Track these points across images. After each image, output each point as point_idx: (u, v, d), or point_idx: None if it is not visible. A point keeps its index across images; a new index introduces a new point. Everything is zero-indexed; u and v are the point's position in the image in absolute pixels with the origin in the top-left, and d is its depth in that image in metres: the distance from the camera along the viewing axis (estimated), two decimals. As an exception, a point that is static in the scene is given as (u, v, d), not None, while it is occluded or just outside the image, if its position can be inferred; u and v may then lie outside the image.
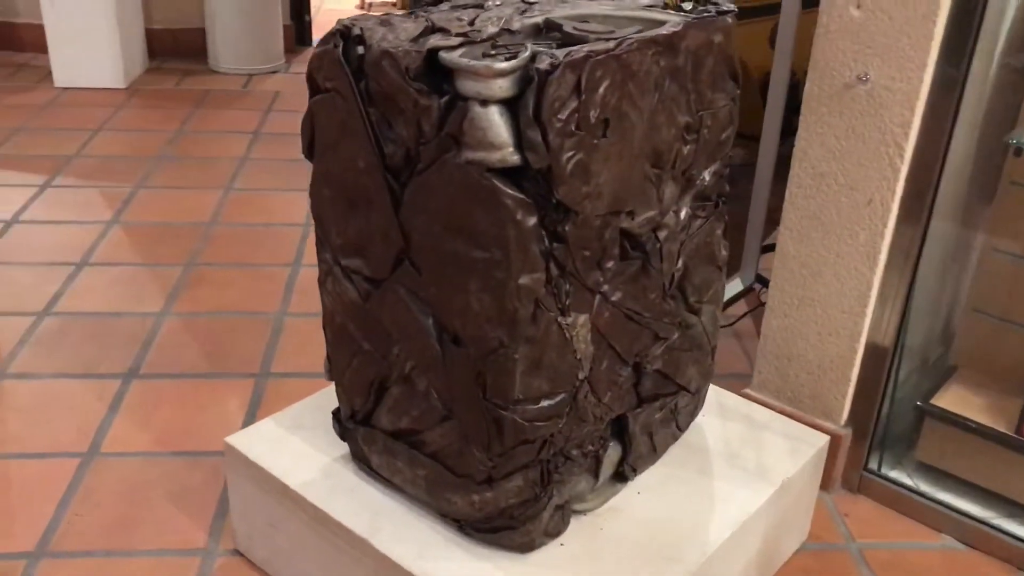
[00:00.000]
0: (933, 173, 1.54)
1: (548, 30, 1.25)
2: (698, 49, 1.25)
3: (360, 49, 1.18)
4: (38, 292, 2.37)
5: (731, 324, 2.37)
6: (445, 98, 1.11)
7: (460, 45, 1.13)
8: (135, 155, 3.29)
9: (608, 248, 1.23)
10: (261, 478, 1.47)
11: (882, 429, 1.79)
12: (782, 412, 1.80)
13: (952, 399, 1.81)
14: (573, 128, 1.09)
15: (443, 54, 1.10)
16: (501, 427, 1.22)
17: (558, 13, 1.28)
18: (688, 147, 1.30)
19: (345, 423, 1.44)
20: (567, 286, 1.19)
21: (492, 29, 1.20)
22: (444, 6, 1.36)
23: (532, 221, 1.12)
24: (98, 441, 1.85)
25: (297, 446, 1.50)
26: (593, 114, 1.11)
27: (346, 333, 1.36)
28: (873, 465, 1.81)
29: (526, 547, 1.31)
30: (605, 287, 1.25)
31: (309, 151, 1.30)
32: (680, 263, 1.37)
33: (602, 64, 1.10)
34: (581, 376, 1.26)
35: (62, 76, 3.93)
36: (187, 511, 1.68)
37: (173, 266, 2.54)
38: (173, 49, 4.36)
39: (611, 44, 1.12)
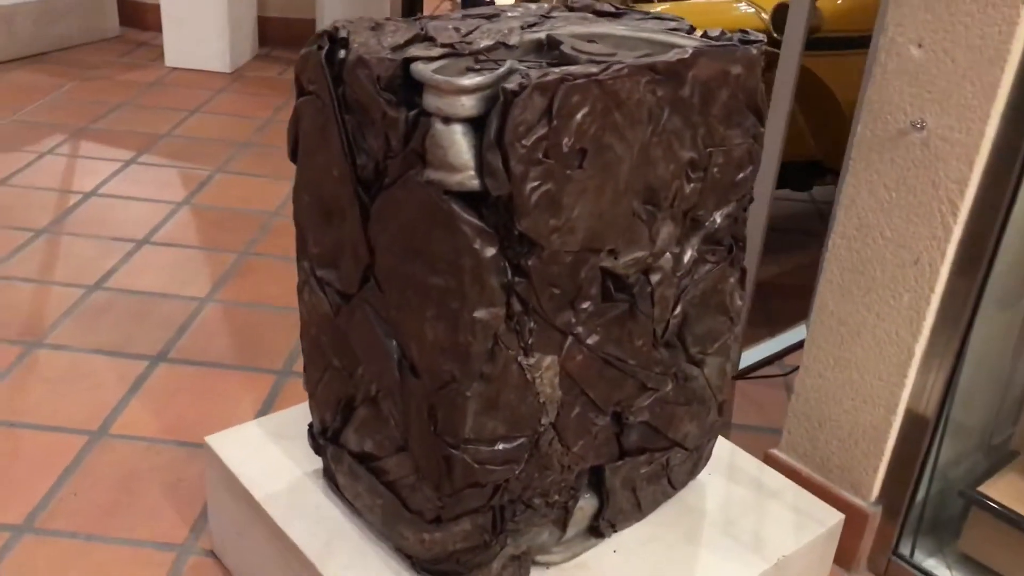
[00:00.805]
0: (990, 237, 1.38)
1: (549, 48, 1.16)
2: (709, 80, 1.14)
3: (342, 53, 1.12)
4: (94, 266, 2.42)
5: (786, 374, 2.22)
6: (413, 112, 1.04)
7: (441, 57, 1.06)
8: (222, 139, 3.34)
9: (584, 287, 1.13)
10: (231, 484, 1.43)
11: (918, 511, 1.62)
12: (808, 479, 1.66)
13: (1005, 488, 1.62)
14: (540, 156, 1.01)
15: (414, 65, 1.03)
16: (451, 466, 1.14)
17: (565, 30, 1.19)
18: (692, 185, 1.19)
19: (317, 438, 1.39)
20: (531, 324, 1.10)
21: (486, 42, 1.12)
22: (456, 14, 1.29)
23: (491, 252, 1.04)
24: (109, 422, 1.86)
25: (273, 455, 1.46)
26: (566, 142, 1.02)
27: (318, 346, 1.31)
28: (904, 550, 1.64)
29: (476, 595, 1.23)
30: (579, 329, 1.15)
31: (293, 154, 1.25)
32: (678, 310, 1.26)
33: (580, 89, 1.01)
34: (545, 421, 1.17)
35: (173, 56, 4.05)
36: (176, 504, 1.66)
37: (228, 253, 2.55)
38: (285, 38, 4.44)
39: (595, 68, 1.03)
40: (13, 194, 2.79)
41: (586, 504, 1.30)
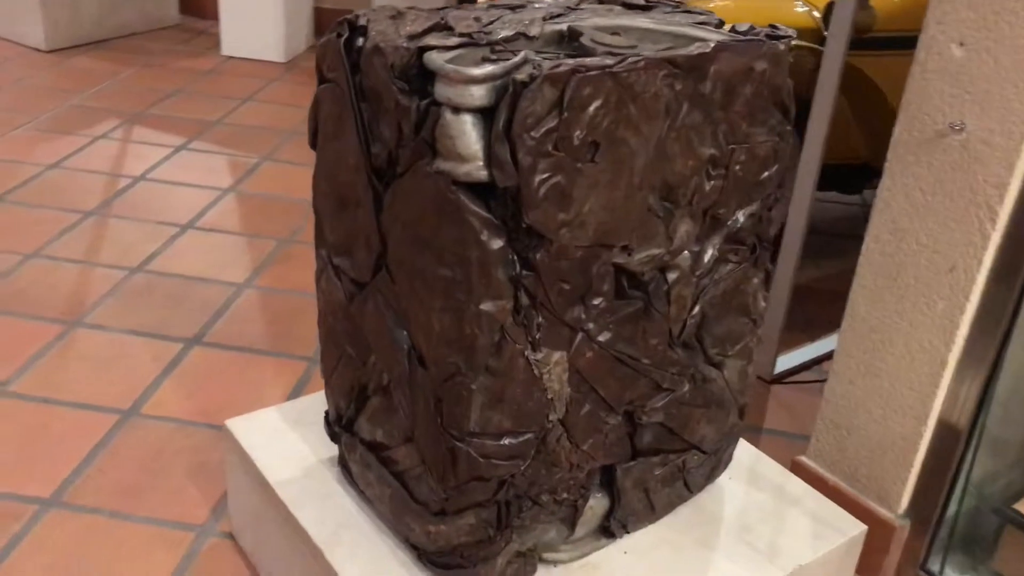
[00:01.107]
0: (1029, 245, 1.33)
1: (570, 39, 1.14)
2: (732, 76, 1.12)
3: (360, 41, 1.12)
4: (138, 248, 2.46)
5: (823, 380, 2.16)
6: (425, 101, 1.03)
7: (459, 47, 1.05)
8: (272, 127, 3.38)
9: (596, 283, 1.11)
10: (248, 467, 1.44)
11: (949, 527, 1.57)
12: (835, 488, 1.62)
13: (1043, 506, 1.57)
14: (550, 148, 0.99)
15: (427, 55, 1.02)
16: (456, 459, 1.13)
17: (588, 22, 1.17)
18: (713, 183, 1.16)
19: (333, 426, 1.39)
20: (539, 319, 1.09)
21: (505, 33, 1.11)
22: (482, 3, 1.28)
23: (498, 244, 1.02)
24: (141, 402, 1.89)
25: (290, 441, 1.47)
26: (578, 135, 1.00)
27: (334, 334, 1.31)
28: (934, 566, 1.59)
29: (480, 590, 1.22)
30: (590, 325, 1.13)
31: (313, 141, 1.25)
32: (697, 310, 1.23)
33: (593, 81, 0.99)
34: (553, 418, 1.15)
35: (228, 45, 4.11)
36: (199, 486, 1.68)
37: (269, 240, 2.58)
38: (340, 29, 4.46)
39: (610, 60, 1.01)
40: (65, 176, 2.85)
41: (596, 504, 1.28)
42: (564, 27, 1.15)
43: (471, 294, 1.04)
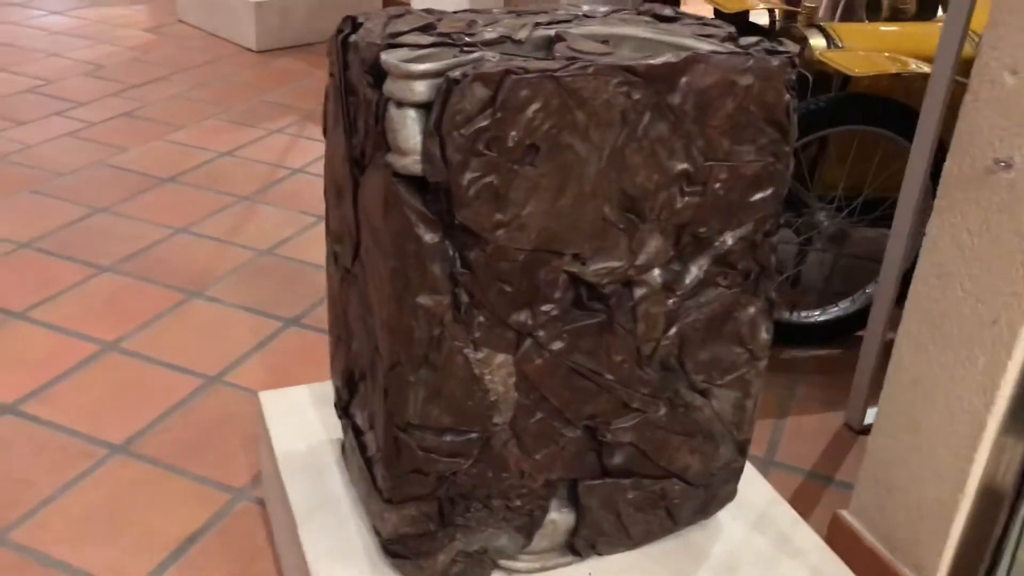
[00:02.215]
0: (1079, 303, 1.17)
1: (558, 44, 1.14)
2: (708, 89, 1.07)
3: (353, 38, 1.17)
4: (272, 233, 2.65)
5: (924, 438, 1.99)
6: (386, 96, 1.06)
7: (431, 46, 1.08)
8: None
9: (544, 289, 1.10)
10: (267, 437, 1.52)
11: (994, 611, 1.40)
12: (871, 549, 1.49)
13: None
14: (481, 147, 1.00)
15: (384, 51, 1.05)
16: (399, 449, 1.15)
17: (581, 30, 1.16)
18: (687, 199, 1.12)
19: (336, 408, 1.44)
20: (480, 318, 1.09)
21: (489, 35, 1.12)
22: (500, 9, 1.29)
23: (433, 238, 1.04)
24: (227, 371, 2.03)
25: (307, 418, 1.54)
26: (513, 136, 1.00)
27: (335, 317, 1.37)
28: (974, 651, 1.43)
29: (425, 584, 1.23)
30: (540, 332, 1.12)
31: (325, 132, 1.32)
32: (674, 331, 1.19)
33: (530, 84, 0.99)
34: (498, 420, 1.15)
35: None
36: (249, 453, 1.79)
37: (392, 236, 2.69)
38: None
39: (555, 64, 1.00)
40: (234, 164, 3.11)
41: (561, 518, 1.26)
42: (552, 33, 1.15)
43: (408, 286, 1.06)
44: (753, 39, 1.15)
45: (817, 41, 2.26)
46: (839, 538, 1.55)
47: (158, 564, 1.54)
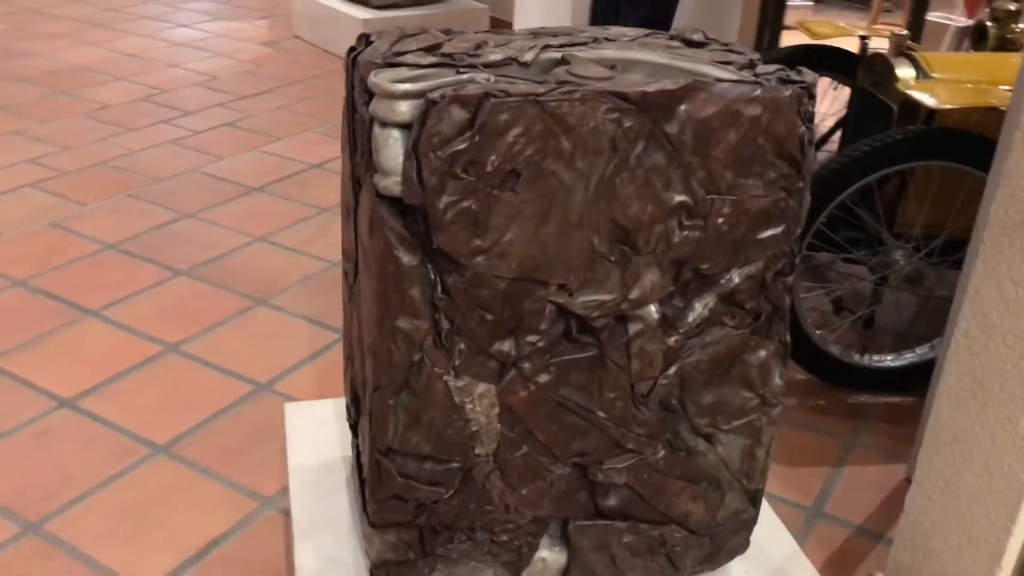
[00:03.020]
0: None
1: (558, 68, 1.10)
2: (709, 119, 1.02)
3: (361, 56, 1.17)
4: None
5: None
6: (378, 115, 1.05)
7: (432, 66, 1.06)
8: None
9: (529, 320, 1.06)
10: (285, 450, 1.53)
11: None
12: (904, 617, 1.38)
13: None
14: (459, 171, 0.97)
15: (373, 71, 1.04)
16: (380, 473, 1.14)
17: (591, 53, 1.12)
18: (686, 233, 1.06)
19: (349, 425, 1.44)
20: (461, 345, 1.06)
21: (495, 57, 1.10)
22: (521, 32, 1.27)
23: (411, 261, 1.02)
24: (277, 379, 2.06)
25: (326, 433, 1.54)
26: (492, 160, 0.97)
27: (347, 335, 1.36)
28: None
29: (408, 612, 1.21)
30: (525, 364, 1.08)
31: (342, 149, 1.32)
32: (673, 371, 1.13)
33: (511, 108, 0.96)
34: (480, 451, 1.12)
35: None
36: (284, 461, 1.80)
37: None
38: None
39: (540, 88, 0.97)
40: (321, 176, 3.18)
41: (552, 557, 1.21)
42: (559, 55, 1.11)
43: (388, 308, 1.05)
44: (772, 68, 1.09)
45: (905, 71, 2.14)
46: (871, 602, 1.45)
47: (176, 566, 1.56)
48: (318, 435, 1.53)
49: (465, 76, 1.00)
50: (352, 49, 1.19)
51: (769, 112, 1.03)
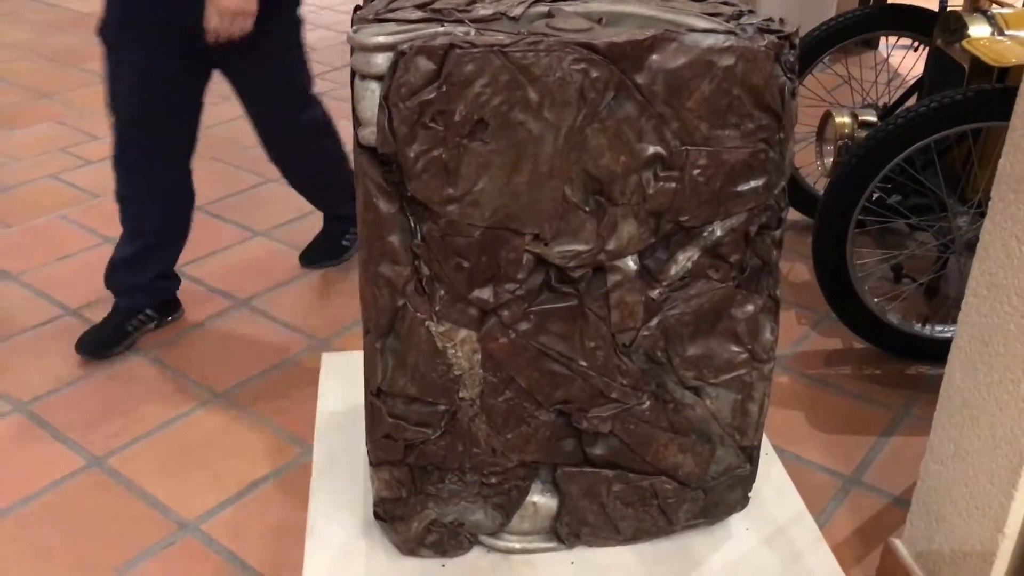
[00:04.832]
0: None
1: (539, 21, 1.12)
2: (680, 69, 1.02)
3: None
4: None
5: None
6: (366, 69, 1.10)
7: (420, 21, 1.10)
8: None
9: (507, 268, 1.09)
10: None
11: (1046, 673, 1.24)
12: (917, 584, 1.36)
13: None
14: (427, 120, 1.01)
15: (354, 27, 1.08)
16: (373, 414, 1.19)
17: (575, 7, 1.14)
18: (661, 184, 1.07)
19: (372, 373, 1.50)
20: (441, 292, 1.10)
21: (484, 12, 1.13)
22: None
23: (389, 209, 1.07)
24: (335, 335, 2.16)
25: (359, 381, 1.60)
26: (460, 110, 1.01)
27: (362, 286, 1.42)
28: None
29: (403, 549, 1.26)
30: (504, 312, 1.11)
31: (357, 107, 1.37)
32: (655, 322, 1.14)
33: (476, 58, 0.99)
34: (464, 395, 1.16)
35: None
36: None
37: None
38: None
39: (505, 39, 0.99)
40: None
41: (543, 501, 1.25)
42: (547, 9, 1.13)
43: (371, 255, 1.10)
44: (757, 19, 1.08)
45: (979, 28, 2.05)
46: (888, 567, 1.42)
47: (219, 503, 1.67)
48: (349, 383, 1.60)
49: (441, 29, 1.04)
50: (358, 7, 1.24)
51: (744, 62, 1.03)
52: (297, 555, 1.31)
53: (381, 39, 1.01)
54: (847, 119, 2.18)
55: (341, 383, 1.61)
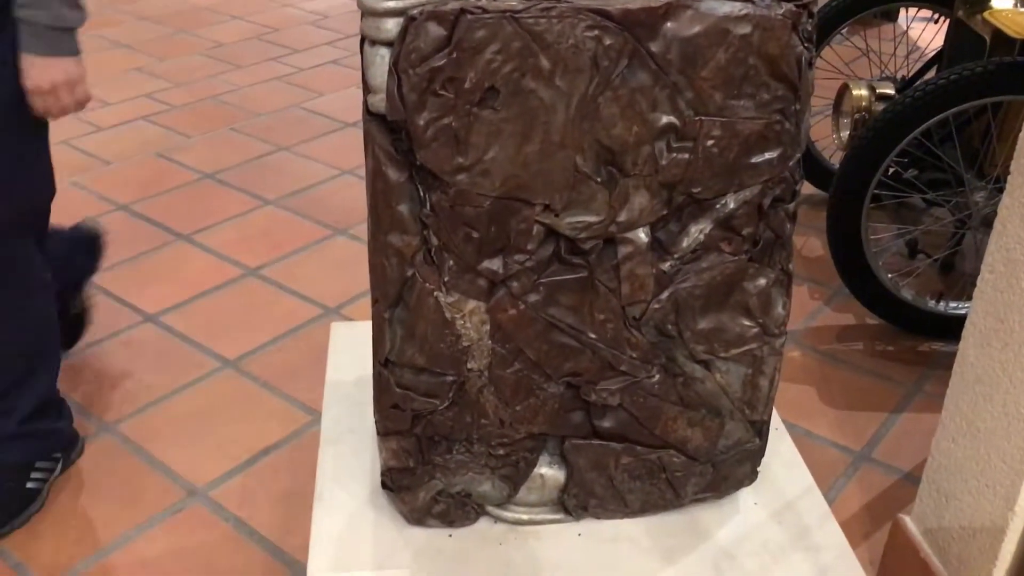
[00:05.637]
0: None
1: (562, -11, 1.11)
2: (695, 37, 1.00)
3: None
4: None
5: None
6: (379, 35, 1.08)
7: (431, -12, 1.08)
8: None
9: (516, 239, 1.08)
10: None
11: (1054, 651, 1.24)
12: (924, 561, 1.36)
13: None
14: (437, 87, 0.99)
15: (369, -9, 1.07)
16: (381, 383, 1.19)
17: (594, -27, 1.12)
18: (674, 155, 1.05)
19: (381, 343, 1.50)
20: (450, 262, 1.09)
21: (497, -21, 1.11)
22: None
23: (399, 177, 1.06)
24: (345, 304, 2.16)
25: (368, 351, 1.60)
26: (471, 77, 0.99)
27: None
28: None
29: (410, 518, 1.26)
30: (513, 283, 1.10)
31: (368, 74, 1.36)
32: (666, 295, 1.13)
33: (487, 24, 0.97)
34: (472, 366, 1.15)
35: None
36: (341, 381, 1.89)
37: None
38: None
39: (517, 5, 0.98)
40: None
41: (551, 473, 1.24)
42: (560, -23, 1.11)
43: (380, 225, 1.09)
44: (775, -17, 1.06)
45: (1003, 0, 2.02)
46: (897, 544, 1.42)
47: (229, 469, 1.68)
48: (357, 353, 1.60)
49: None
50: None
51: (761, 31, 1.01)
52: (305, 523, 1.31)
53: (391, 4, 1.00)
54: (864, 92, 2.15)
55: (350, 353, 1.61)
